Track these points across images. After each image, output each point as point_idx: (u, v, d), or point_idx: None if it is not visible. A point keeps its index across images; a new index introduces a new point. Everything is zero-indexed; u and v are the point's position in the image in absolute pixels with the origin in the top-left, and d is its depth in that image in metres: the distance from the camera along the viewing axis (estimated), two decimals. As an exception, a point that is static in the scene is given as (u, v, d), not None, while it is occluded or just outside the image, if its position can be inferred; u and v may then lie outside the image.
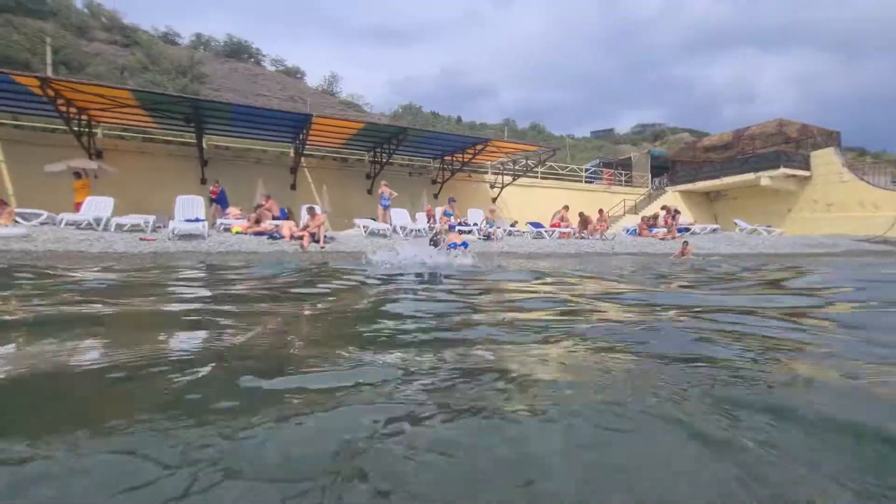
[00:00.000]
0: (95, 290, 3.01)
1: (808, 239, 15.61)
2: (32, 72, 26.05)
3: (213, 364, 1.18)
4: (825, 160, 19.27)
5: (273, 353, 1.32)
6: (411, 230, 11.06)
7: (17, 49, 27.04)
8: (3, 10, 31.08)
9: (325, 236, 8.76)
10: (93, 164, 10.08)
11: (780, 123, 20.25)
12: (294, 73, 41.32)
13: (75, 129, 11.02)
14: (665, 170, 25.10)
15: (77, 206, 9.46)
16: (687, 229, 16.00)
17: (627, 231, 15.54)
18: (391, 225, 11.10)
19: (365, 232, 10.46)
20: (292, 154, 14.47)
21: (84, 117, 11.49)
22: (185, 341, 1.54)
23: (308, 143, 13.21)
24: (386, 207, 11.82)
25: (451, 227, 10.92)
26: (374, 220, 11.75)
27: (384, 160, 14.68)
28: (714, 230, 16.80)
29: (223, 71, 37.31)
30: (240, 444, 0.71)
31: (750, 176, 20.02)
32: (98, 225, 8.04)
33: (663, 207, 17.41)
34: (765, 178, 19.45)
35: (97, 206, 8.61)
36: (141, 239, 7.33)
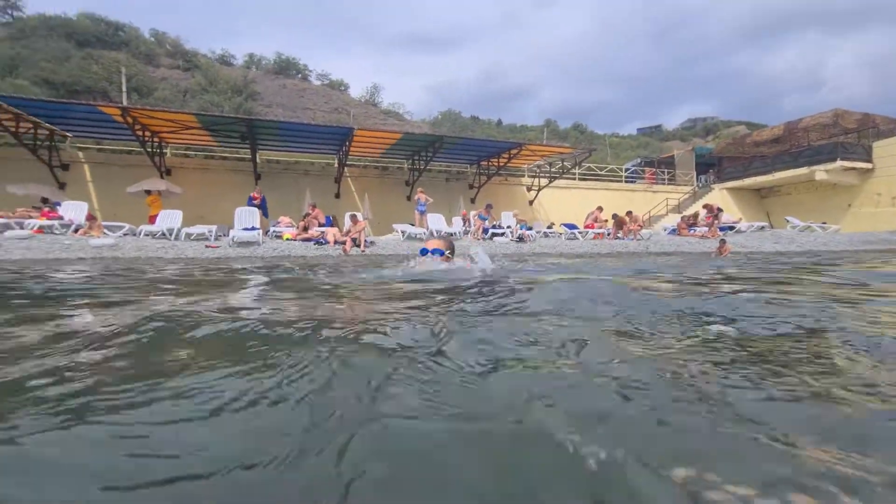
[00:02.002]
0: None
1: (868, 235, 14.74)
2: (110, 99, 28.95)
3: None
4: (890, 150, 18.03)
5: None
6: (446, 233, 11.59)
7: (96, 79, 30.14)
8: (85, 45, 34.72)
9: (365, 241, 9.44)
10: (162, 185, 11.34)
11: (835, 114, 19.13)
12: (338, 87, 43.18)
13: (149, 150, 12.42)
14: (711, 167, 24.28)
15: (152, 219, 10.73)
16: (731, 227, 15.56)
17: (666, 230, 15.32)
18: (428, 229, 11.69)
19: (403, 236, 11.09)
20: (336, 165, 15.41)
21: (156, 139, 12.91)
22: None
23: (350, 153, 14.09)
24: (422, 213, 12.42)
25: (485, 231, 11.34)
26: (413, 224, 12.37)
27: (422, 167, 15.33)
28: (762, 228, 16.20)
29: (273, 87, 39.62)
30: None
31: (804, 170, 19.02)
32: (170, 235, 9.17)
33: (705, 206, 16.97)
34: (820, 171, 18.44)
35: (169, 218, 9.77)
36: (206, 246, 8.30)
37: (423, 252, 3.08)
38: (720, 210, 15.90)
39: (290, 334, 1.24)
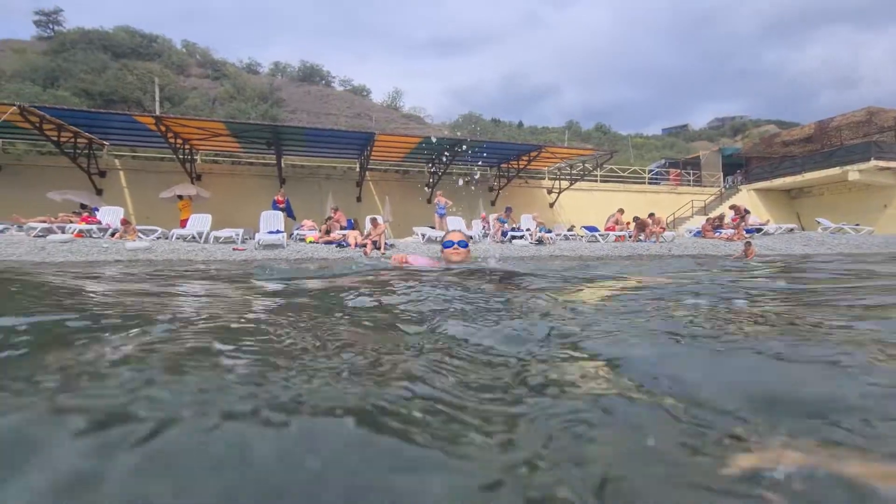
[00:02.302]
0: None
1: (905, 237, 14.17)
2: (144, 107, 30.11)
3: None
4: (928, 149, 17.30)
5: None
6: (467, 236, 11.69)
7: (131, 89, 31.45)
8: (121, 56, 36.26)
9: (385, 243, 9.63)
10: (192, 191, 11.81)
11: (869, 112, 18.46)
12: (360, 92, 43.87)
13: (180, 156, 12.93)
14: (739, 167, 23.68)
15: (182, 223, 11.18)
16: (759, 229, 15.16)
17: (691, 233, 15.05)
18: (447, 232, 11.80)
19: (423, 239, 11.24)
20: (358, 169, 15.71)
21: (187, 146, 13.44)
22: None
23: (372, 157, 14.35)
24: (442, 216, 12.56)
25: (504, 234, 11.39)
26: (433, 227, 12.51)
27: (442, 170, 15.48)
28: (791, 230, 15.73)
29: (298, 94, 40.54)
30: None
31: (836, 170, 18.39)
32: (200, 238, 9.56)
33: (732, 206, 16.59)
34: (853, 171, 17.79)
35: (199, 222, 10.17)
36: (234, 249, 8.63)
37: (448, 245, 3.21)
38: (747, 212, 15.51)
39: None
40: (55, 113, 10.96)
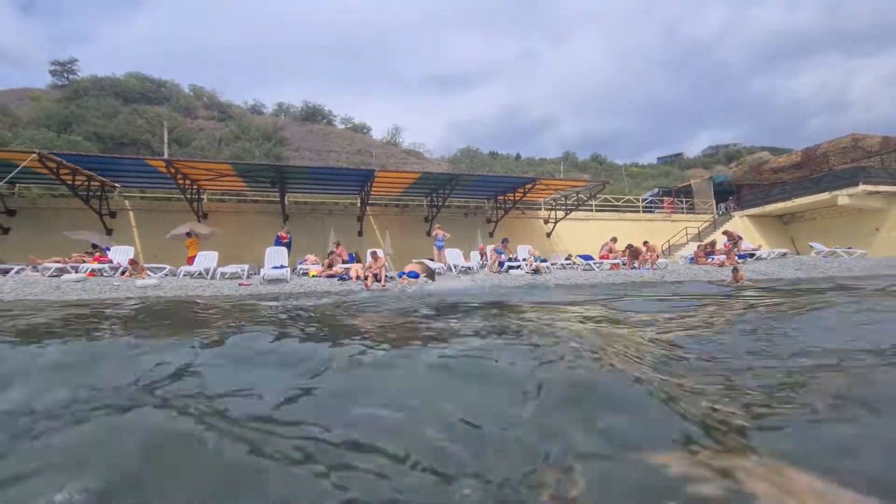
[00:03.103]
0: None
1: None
2: (153, 149, 31.10)
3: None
4: (915, 173, 17.79)
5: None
6: (463, 268, 12.02)
7: (140, 131, 32.63)
8: (131, 101, 37.78)
9: (385, 276, 9.94)
10: (206, 229, 12.29)
11: (854, 138, 19.09)
12: (361, 129, 45.27)
13: (188, 196, 13.47)
14: (730, 194, 24.23)
15: (190, 260, 11.57)
16: (752, 255, 15.45)
17: (685, 259, 15.35)
18: (445, 264, 12.14)
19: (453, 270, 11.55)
20: (359, 204, 16.22)
21: (195, 187, 14.00)
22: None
23: (372, 193, 14.88)
24: (440, 248, 12.92)
25: (501, 264, 11.71)
26: (432, 259, 12.85)
27: (440, 203, 15.98)
28: (783, 254, 16.01)
29: (301, 133, 41.86)
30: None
31: (825, 195, 18.86)
32: (207, 274, 9.92)
33: (725, 232, 16.96)
34: (843, 196, 18.25)
35: (206, 259, 10.56)
36: (240, 284, 8.95)
37: (401, 275, 3.69)
38: (740, 238, 15.85)
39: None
40: (71, 158, 11.56)
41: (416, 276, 3.54)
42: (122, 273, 9.55)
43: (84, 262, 9.52)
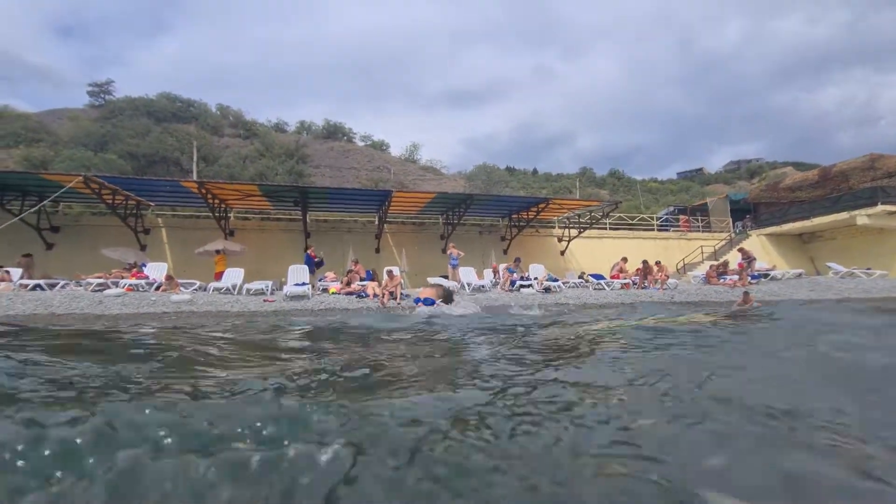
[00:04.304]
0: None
1: (916, 281, 14.29)
2: (182, 166, 32.36)
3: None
4: (935, 193, 17.58)
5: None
6: (477, 286, 12.41)
7: (171, 149, 34.17)
8: (162, 120, 39.63)
9: (401, 294, 10.40)
10: (234, 246, 13.02)
11: (871, 158, 19.01)
12: (380, 147, 46.37)
13: (216, 214, 14.25)
14: (747, 212, 24.14)
15: (217, 276, 12.25)
16: (766, 275, 15.46)
17: (697, 279, 15.44)
18: (460, 282, 12.55)
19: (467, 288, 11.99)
20: (377, 222, 16.81)
21: (223, 206, 14.80)
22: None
23: (389, 212, 15.47)
24: (454, 266, 13.35)
25: (513, 283, 12.07)
26: (446, 277, 13.28)
27: (456, 222, 16.45)
28: (799, 275, 15.96)
29: (322, 150, 43.11)
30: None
31: (844, 215, 18.72)
32: (234, 290, 10.55)
33: (740, 249, 17.03)
34: (861, 216, 18.10)
35: (233, 275, 11.21)
36: (264, 301, 9.52)
37: (416, 301, 4.00)
38: (753, 258, 15.88)
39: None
40: (113, 180, 12.44)
41: (433, 302, 3.83)
42: (157, 288, 10.24)
43: (123, 277, 10.24)
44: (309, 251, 13.04)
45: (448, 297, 3.96)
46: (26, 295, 8.63)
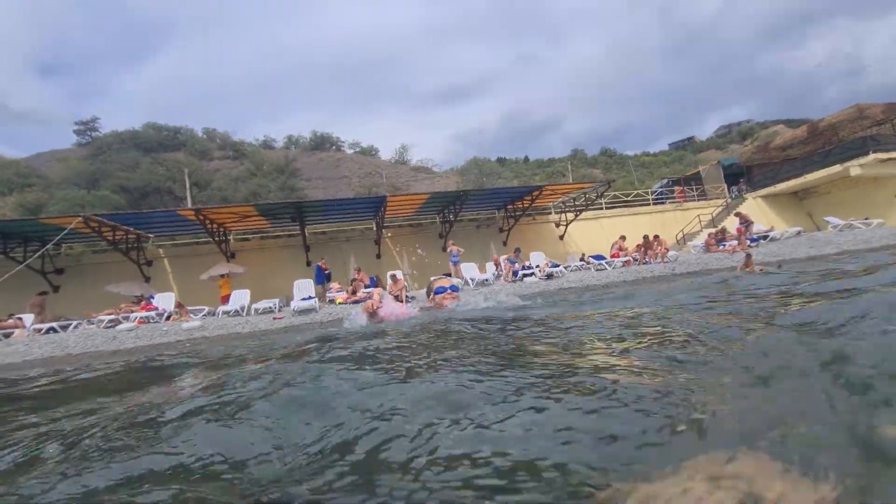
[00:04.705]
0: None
1: (914, 226, 14.38)
2: (175, 194, 32.42)
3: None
4: (928, 134, 17.61)
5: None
6: (481, 280, 12.54)
7: (162, 179, 34.32)
8: (150, 151, 39.71)
9: (406, 297, 10.53)
10: (240, 269, 13.18)
11: (858, 108, 19.03)
12: (370, 152, 46.47)
13: (216, 239, 14.38)
14: (741, 176, 24.20)
15: (223, 299, 12.39)
16: (765, 236, 15.55)
17: (697, 248, 15.55)
18: (462, 278, 12.68)
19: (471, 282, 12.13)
20: (374, 228, 16.94)
21: (221, 229, 14.93)
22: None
23: (386, 216, 15.59)
24: (455, 263, 13.48)
25: (515, 273, 12.19)
26: (449, 275, 13.41)
27: (453, 219, 16.57)
28: (798, 233, 16.05)
29: (312, 162, 43.25)
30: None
31: (837, 168, 18.78)
32: (242, 311, 10.69)
33: (737, 214, 17.10)
34: (854, 167, 18.16)
35: (240, 297, 11.36)
36: (274, 318, 9.66)
37: (440, 290, 4.01)
38: (751, 221, 15.97)
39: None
40: (111, 217, 12.57)
41: (457, 289, 3.80)
42: (167, 318, 10.39)
43: (133, 311, 10.39)
44: (320, 263, 13.16)
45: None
46: (41, 339, 8.78)
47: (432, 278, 5.34)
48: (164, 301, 11.46)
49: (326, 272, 13.03)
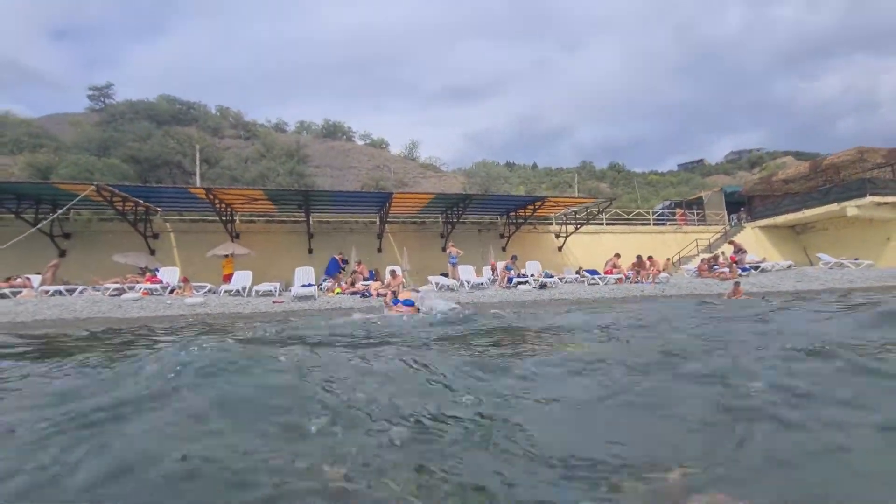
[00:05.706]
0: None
1: (901, 270, 14.75)
2: (185, 168, 32.72)
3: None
4: (921, 184, 18.01)
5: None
6: (476, 284, 12.89)
7: (173, 153, 34.56)
8: (163, 123, 39.97)
9: (413, 289, 10.88)
10: (243, 250, 13.52)
11: (859, 151, 19.40)
12: (379, 145, 46.74)
13: (223, 218, 14.73)
14: (742, 205, 24.57)
15: (226, 278, 12.75)
16: (756, 267, 15.92)
17: (690, 272, 15.91)
18: (459, 280, 13.04)
19: (436, 287, 12.48)
20: (378, 223, 17.28)
21: (229, 210, 15.27)
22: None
23: (390, 212, 15.94)
24: (454, 265, 13.82)
25: (510, 280, 12.55)
26: (446, 275, 13.77)
27: (455, 221, 16.91)
28: (789, 266, 16.42)
29: (322, 149, 43.48)
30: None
31: (834, 207, 19.20)
32: (244, 292, 11.05)
33: (730, 242, 17.49)
34: (851, 207, 18.56)
35: (242, 278, 11.71)
36: (273, 302, 10.02)
37: (408, 303, 4.59)
38: (743, 251, 16.35)
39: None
40: (123, 189, 12.92)
41: (412, 303, 4.37)
42: (171, 291, 10.74)
43: (138, 282, 10.74)
44: (338, 256, 13.40)
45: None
46: (50, 300, 9.13)
47: (430, 278, 5.79)
48: (169, 275, 11.81)
49: (343, 265, 13.23)
